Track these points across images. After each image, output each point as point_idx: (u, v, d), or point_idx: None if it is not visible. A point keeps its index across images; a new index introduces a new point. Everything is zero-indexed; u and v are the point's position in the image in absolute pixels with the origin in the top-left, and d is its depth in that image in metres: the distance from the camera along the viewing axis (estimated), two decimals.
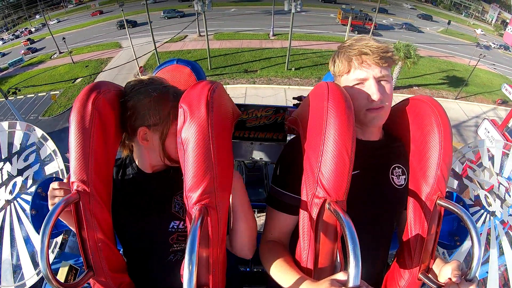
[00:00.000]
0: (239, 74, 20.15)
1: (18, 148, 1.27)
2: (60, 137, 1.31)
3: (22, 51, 27.06)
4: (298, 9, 18.27)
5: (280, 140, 1.45)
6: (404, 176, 0.97)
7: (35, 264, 1.14)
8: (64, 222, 0.91)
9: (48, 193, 0.84)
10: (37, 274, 1.13)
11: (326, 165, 0.76)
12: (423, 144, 0.87)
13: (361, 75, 0.91)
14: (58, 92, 19.79)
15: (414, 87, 19.82)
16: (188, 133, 0.78)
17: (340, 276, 0.70)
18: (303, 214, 0.83)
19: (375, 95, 0.89)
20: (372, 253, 0.98)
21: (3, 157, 1.27)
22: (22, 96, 20.40)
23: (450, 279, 0.75)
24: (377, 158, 0.97)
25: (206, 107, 0.79)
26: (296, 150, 0.91)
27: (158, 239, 0.96)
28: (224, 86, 1.16)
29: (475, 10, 44.55)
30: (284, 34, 24.66)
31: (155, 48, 18.47)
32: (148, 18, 18.44)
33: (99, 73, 21.66)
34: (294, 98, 1.62)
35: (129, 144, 0.99)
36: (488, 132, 5.74)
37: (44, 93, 20.22)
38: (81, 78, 21.42)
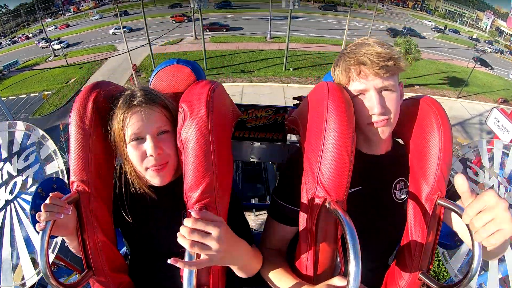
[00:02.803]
0: (236, 74, 20.04)
1: (18, 148, 1.27)
2: (49, 136, 1.31)
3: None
4: (296, 6, 18.29)
5: (280, 140, 1.45)
6: (406, 189, 0.95)
7: (35, 264, 1.14)
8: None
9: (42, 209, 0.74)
10: (37, 274, 1.13)
11: (326, 164, 0.76)
12: (423, 144, 0.87)
13: (360, 86, 0.85)
14: (50, 92, 19.83)
15: (415, 86, 19.87)
16: (188, 132, 0.78)
17: (337, 281, 0.71)
18: (303, 214, 0.83)
19: (375, 109, 0.82)
20: (372, 264, 0.98)
21: (3, 157, 1.27)
22: (14, 97, 20.59)
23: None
24: (381, 173, 0.95)
25: (206, 107, 0.79)
26: (299, 165, 0.88)
27: (166, 249, 0.94)
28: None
29: (469, 18, 45.51)
30: (281, 37, 24.60)
31: (150, 48, 18.55)
32: (144, 22, 18.62)
33: (92, 73, 21.80)
34: (294, 98, 1.62)
35: None
36: (498, 121, 5.37)
37: (36, 93, 20.24)
38: (74, 79, 21.54)
